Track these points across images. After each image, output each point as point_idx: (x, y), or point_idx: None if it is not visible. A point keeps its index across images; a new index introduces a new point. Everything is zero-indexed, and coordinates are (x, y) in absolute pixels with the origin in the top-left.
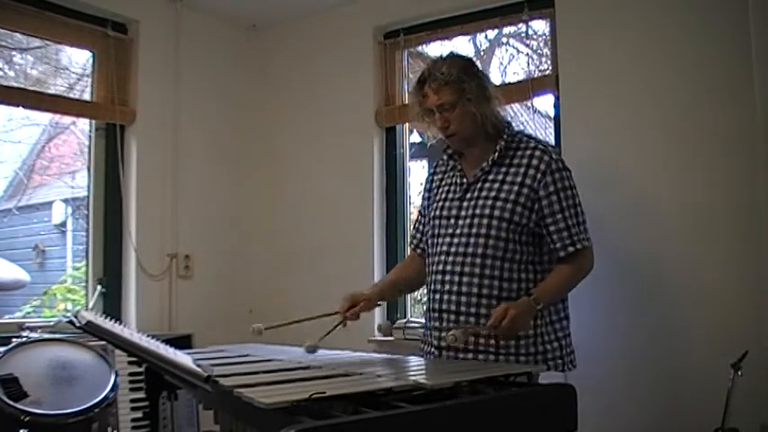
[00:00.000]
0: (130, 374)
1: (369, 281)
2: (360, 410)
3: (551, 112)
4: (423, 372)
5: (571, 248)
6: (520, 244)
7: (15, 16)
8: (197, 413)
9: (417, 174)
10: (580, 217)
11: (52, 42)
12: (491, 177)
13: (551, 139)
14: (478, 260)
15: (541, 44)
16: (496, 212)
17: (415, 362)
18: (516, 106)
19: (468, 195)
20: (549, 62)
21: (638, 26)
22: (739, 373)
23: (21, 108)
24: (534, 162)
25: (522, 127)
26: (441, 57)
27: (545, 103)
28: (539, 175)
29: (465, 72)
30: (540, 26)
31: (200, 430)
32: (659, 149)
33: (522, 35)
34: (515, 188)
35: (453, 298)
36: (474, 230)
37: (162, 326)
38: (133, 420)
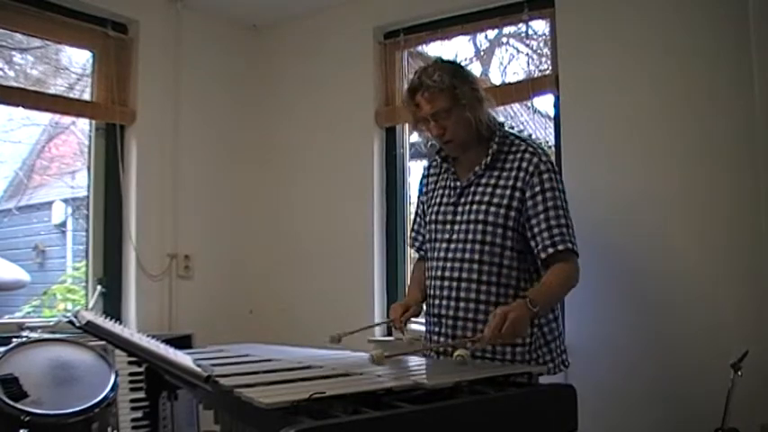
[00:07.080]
0: (130, 374)
1: (369, 280)
2: (360, 410)
3: (551, 112)
4: (423, 372)
5: (551, 249)
6: (516, 251)
7: (15, 16)
8: (197, 413)
9: (417, 173)
10: (563, 220)
11: (52, 42)
12: (484, 181)
13: (551, 140)
14: (475, 266)
15: (541, 44)
16: (491, 218)
17: (415, 362)
18: (516, 106)
19: (463, 200)
20: (548, 62)
21: (637, 26)
22: (739, 373)
23: (21, 108)
24: (524, 165)
25: (521, 127)
26: (429, 64)
27: (545, 103)
28: (527, 177)
29: (456, 77)
30: (540, 26)
31: (200, 430)
32: (659, 149)
33: (522, 35)
34: (508, 192)
35: (452, 304)
36: (470, 236)
37: (162, 326)
38: (133, 420)
